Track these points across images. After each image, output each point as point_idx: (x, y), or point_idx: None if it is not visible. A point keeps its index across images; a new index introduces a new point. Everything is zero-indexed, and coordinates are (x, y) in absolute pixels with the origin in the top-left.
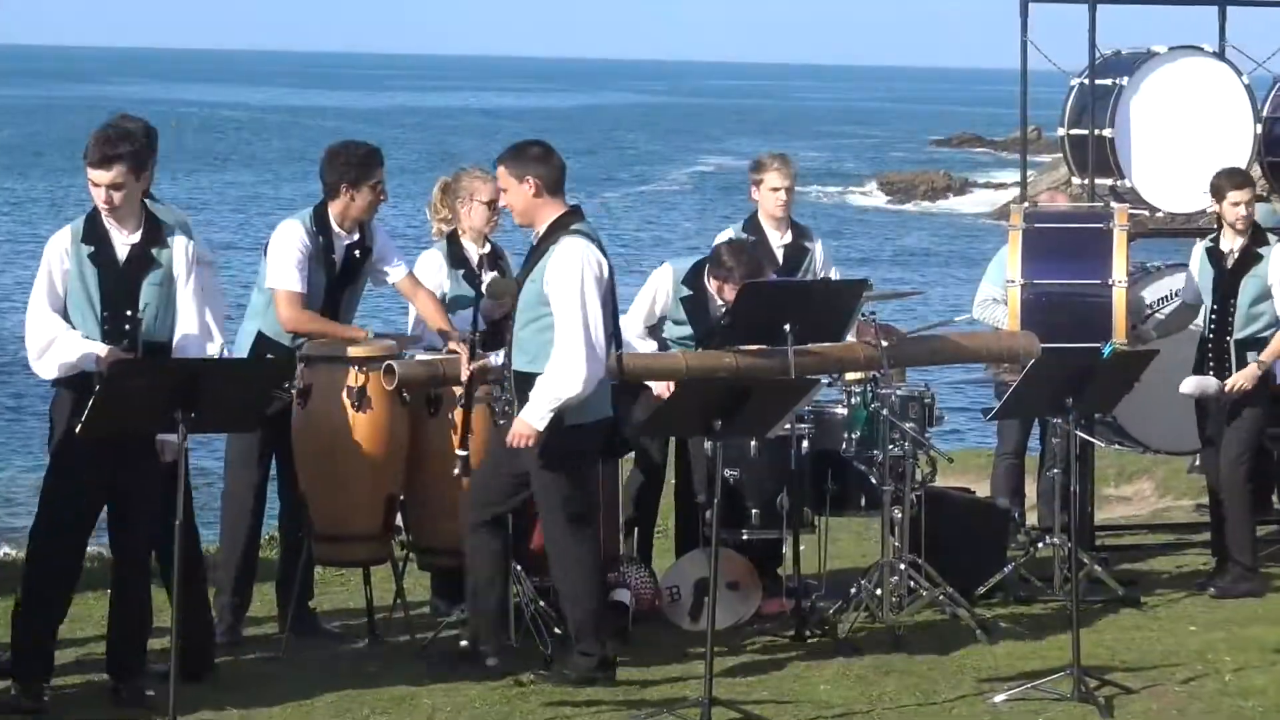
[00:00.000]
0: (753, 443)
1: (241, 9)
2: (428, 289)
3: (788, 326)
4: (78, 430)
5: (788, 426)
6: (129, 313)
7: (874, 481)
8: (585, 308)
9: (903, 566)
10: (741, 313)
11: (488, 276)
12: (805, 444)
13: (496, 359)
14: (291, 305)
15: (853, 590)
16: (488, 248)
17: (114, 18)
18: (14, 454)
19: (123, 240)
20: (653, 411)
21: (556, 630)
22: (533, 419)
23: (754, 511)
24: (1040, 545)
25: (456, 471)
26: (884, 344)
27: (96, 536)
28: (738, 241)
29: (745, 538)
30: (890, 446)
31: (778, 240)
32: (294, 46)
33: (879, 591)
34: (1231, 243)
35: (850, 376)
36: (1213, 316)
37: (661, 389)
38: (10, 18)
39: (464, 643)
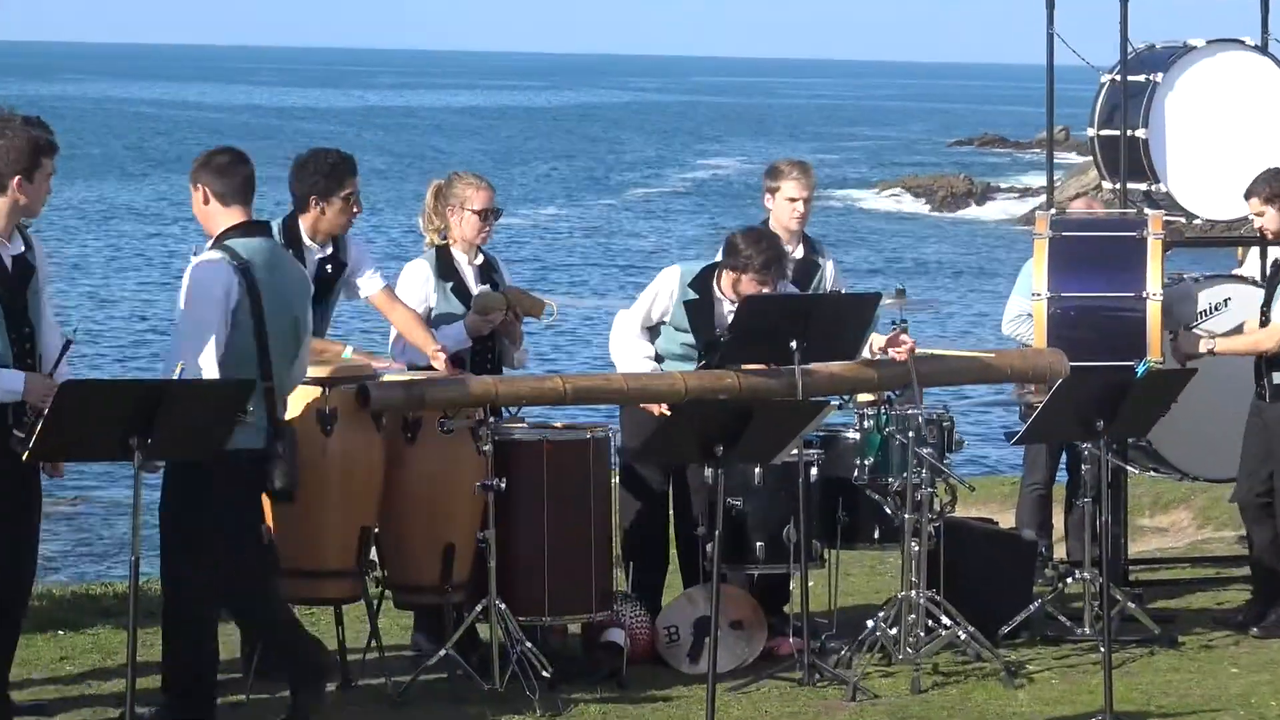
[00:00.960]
0: (757, 470)
1: (237, 4)
2: (406, 304)
3: (794, 343)
4: (24, 456)
5: (795, 452)
6: (26, 329)
7: (889, 512)
8: (188, 323)
9: (921, 603)
10: (744, 328)
11: (478, 290)
12: (814, 471)
13: None
14: None
15: (867, 628)
16: (480, 259)
17: (114, 16)
18: None
19: (7, 251)
20: (648, 436)
21: (545, 673)
22: None
23: (759, 544)
24: (1069, 580)
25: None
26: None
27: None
28: (756, 228)
29: (749, 573)
30: (906, 474)
31: (789, 254)
32: (287, 42)
33: (895, 631)
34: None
35: (863, 398)
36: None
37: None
38: (9, 15)
39: None
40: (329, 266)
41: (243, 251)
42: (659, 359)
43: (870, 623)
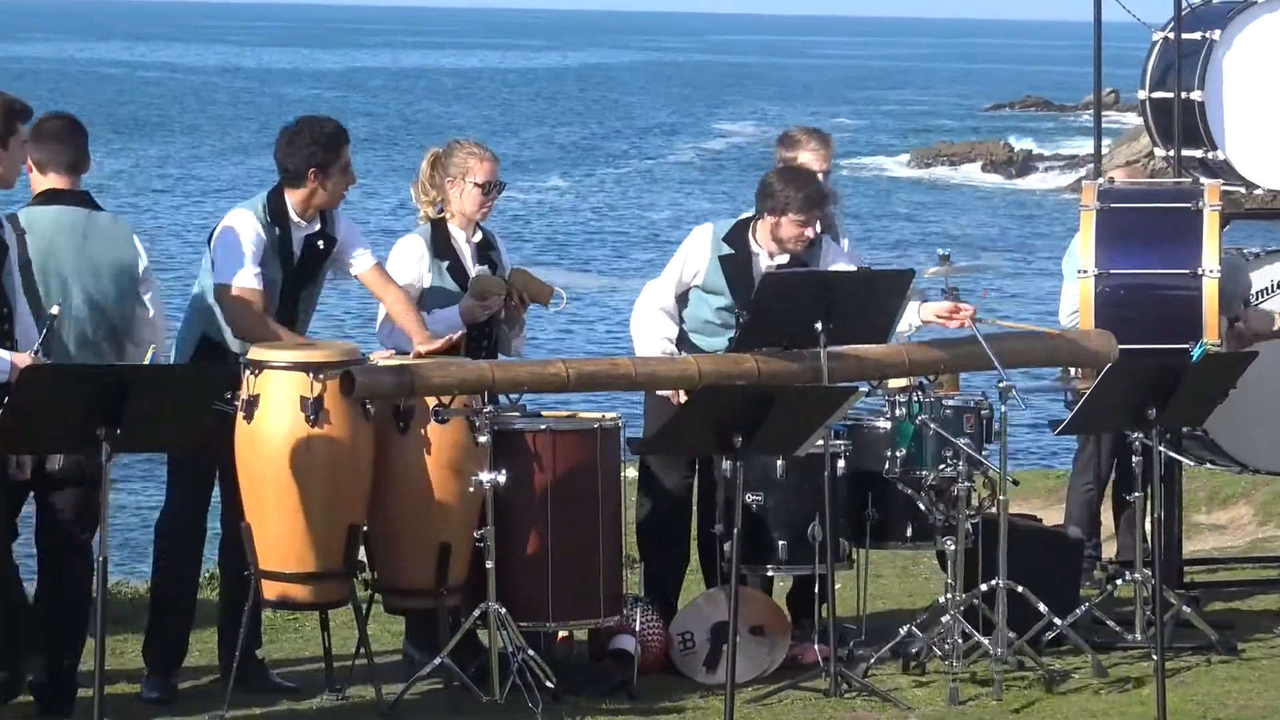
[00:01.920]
0: (779, 462)
1: None
2: (400, 286)
3: (819, 325)
4: None
5: (820, 443)
6: (5, 310)
7: (922, 508)
8: None
9: (1001, 592)
10: (764, 308)
11: (476, 270)
12: (841, 463)
13: None
14: (248, 308)
15: (900, 634)
16: (479, 236)
17: None
18: None
19: None
20: (660, 427)
21: (549, 684)
22: None
23: (781, 543)
24: (1119, 582)
25: None
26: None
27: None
28: (791, 167)
29: (770, 574)
30: (941, 466)
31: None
32: None
33: (929, 636)
34: None
35: (894, 383)
36: None
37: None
38: None
39: None
40: (319, 243)
41: (24, 218)
42: (685, 333)
43: (901, 634)
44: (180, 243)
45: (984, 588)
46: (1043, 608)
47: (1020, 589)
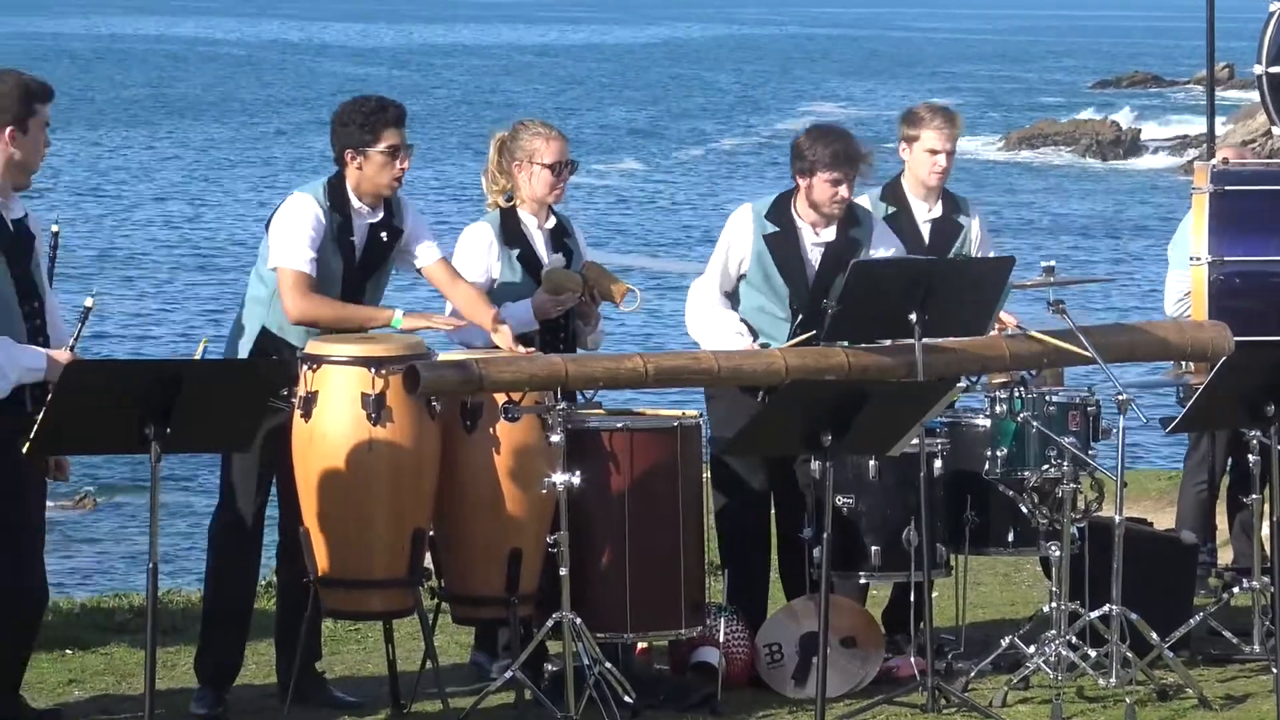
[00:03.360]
0: (872, 462)
1: None
2: (470, 282)
3: (914, 316)
4: (24, 450)
5: (915, 442)
6: (36, 304)
7: (1024, 511)
8: None
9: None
10: (854, 298)
11: (550, 261)
12: (938, 464)
13: None
14: (299, 289)
15: (1002, 646)
16: (553, 221)
17: None
18: None
19: (9, 214)
20: (743, 426)
21: (627, 699)
22: None
23: (874, 549)
24: (1236, 590)
25: None
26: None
27: None
28: (820, 124)
29: (863, 581)
30: (1045, 467)
31: (924, 214)
32: None
33: (1031, 649)
34: None
35: (994, 379)
36: None
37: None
38: None
39: None
40: (383, 234)
41: None
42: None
43: (1004, 646)
44: (234, 229)
45: (1095, 615)
46: (1154, 637)
47: (1135, 616)
